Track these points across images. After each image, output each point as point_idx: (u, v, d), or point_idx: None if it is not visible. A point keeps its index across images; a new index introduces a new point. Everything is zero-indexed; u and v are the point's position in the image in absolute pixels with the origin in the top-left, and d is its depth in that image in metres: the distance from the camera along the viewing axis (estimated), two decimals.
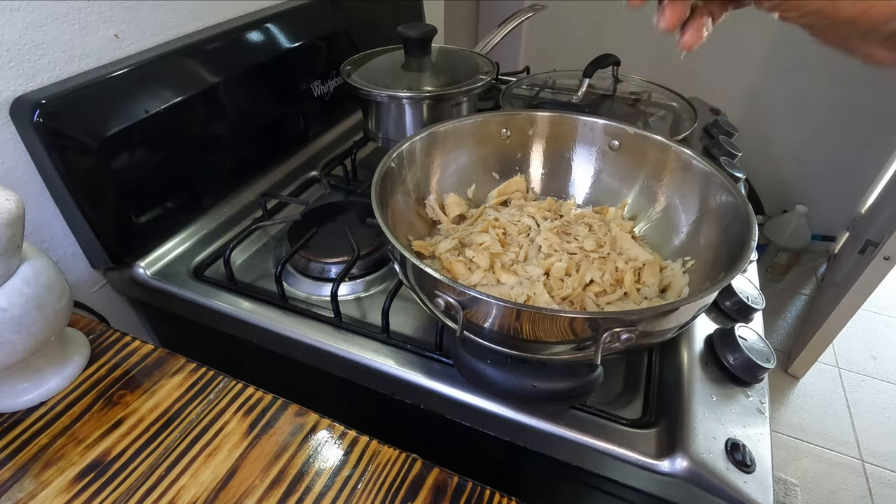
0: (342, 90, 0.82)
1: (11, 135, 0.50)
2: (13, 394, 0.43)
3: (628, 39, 1.70)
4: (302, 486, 0.38)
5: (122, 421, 0.42)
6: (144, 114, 0.55)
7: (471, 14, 1.76)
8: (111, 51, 0.56)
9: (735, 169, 0.70)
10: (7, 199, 0.36)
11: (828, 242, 1.87)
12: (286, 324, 0.52)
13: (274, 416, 0.43)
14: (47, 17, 0.50)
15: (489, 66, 0.74)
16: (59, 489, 0.37)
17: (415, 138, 0.52)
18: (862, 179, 1.71)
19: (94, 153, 0.52)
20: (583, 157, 0.58)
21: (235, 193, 0.69)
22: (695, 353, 0.49)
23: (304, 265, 0.58)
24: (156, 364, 0.47)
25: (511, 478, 0.53)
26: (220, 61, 0.63)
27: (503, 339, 0.37)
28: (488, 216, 0.55)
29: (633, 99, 0.83)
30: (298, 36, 0.73)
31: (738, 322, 0.50)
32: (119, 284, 0.61)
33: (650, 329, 0.35)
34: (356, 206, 0.65)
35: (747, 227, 0.41)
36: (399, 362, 0.48)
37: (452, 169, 0.58)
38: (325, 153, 0.82)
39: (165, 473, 0.38)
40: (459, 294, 0.35)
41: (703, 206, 0.49)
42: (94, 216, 0.54)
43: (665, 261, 0.51)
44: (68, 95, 0.50)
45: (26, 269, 0.39)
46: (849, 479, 1.28)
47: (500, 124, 0.58)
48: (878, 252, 1.22)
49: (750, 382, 0.46)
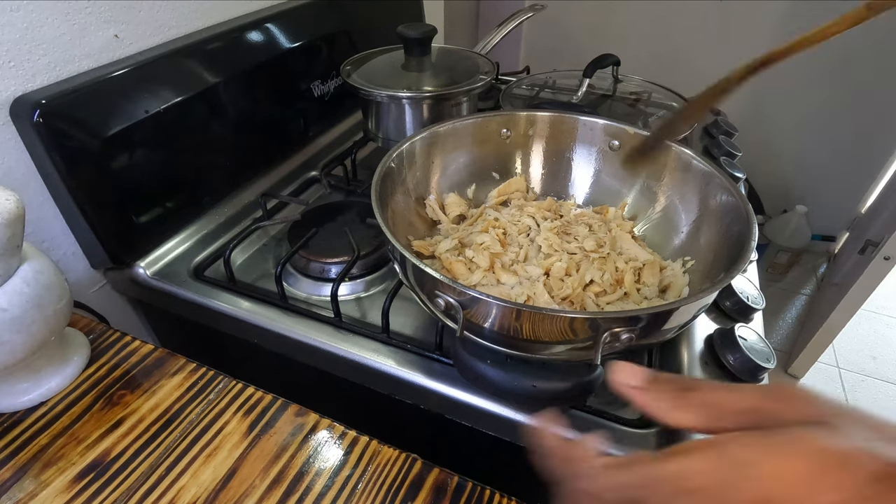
0: (342, 90, 0.81)
1: (11, 135, 0.50)
2: (13, 394, 0.43)
3: (628, 39, 1.71)
4: (302, 486, 0.38)
5: (122, 421, 0.42)
6: (144, 114, 0.55)
7: (471, 14, 1.76)
8: (111, 51, 0.56)
9: (735, 169, 0.70)
10: (7, 199, 0.36)
11: (828, 242, 1.87)
12: (286, 324, 0.52)
13: (274, 416, 0.43)
14: (47, 17, 0.50)
15: (489, 66, 0.74)
16: (59, 489, 0.37)
17: (415, 138, 0.52)
18: (862, 179, 1.71)
19: (94, 153, 0.52)
20: (583, 157, 0.58)
21: (235, 193, 0.69)
22: (695, 353, 0.49)
23: (304, 265, 0.58)
24: (156, 364, 0.47)
25: (511, 477, 0.53)
26: (220, 61, 0.63)
27: (503, 339, 0.37)
28: (488, 216, 0.55)
29: (633, 99, 0.83)
30: (298, 36, 0.73)
31: (738, 322, 0.50)
32: (119, 284, 0.61)
33: (650, 329, 0.35)
34: (356, 206, 0.65)
35: (747, 227, 0.41)
36: (399, 362, 0.48)
37: (452, 169, 0.58)
38: (325, 153, 0.82)
39: (165, 473, 0.38)
40: (459, 294, 0.35)
41: (703, 206, 0.49)
42: (94, 216, 0.54)
43: (665, 261, 0.51)
44: (68, 95, 0.50)
45: (26, 269, 0.39)
46: None
47: (500, 124, 0.58)
48: (878, 252, 1.22)
49: (750, 382, 0.46)
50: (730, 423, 0.22)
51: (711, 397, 0.23)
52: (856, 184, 1.73)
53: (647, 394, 0.24)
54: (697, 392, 0.23)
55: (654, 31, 1.66)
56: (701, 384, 0.24)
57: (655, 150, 0.49)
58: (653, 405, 0.24)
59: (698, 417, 0.23)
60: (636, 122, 0.68)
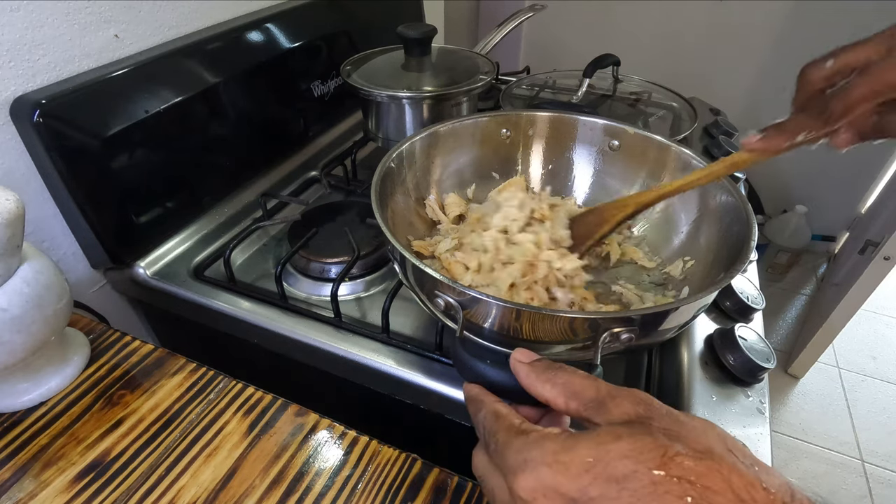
0: (342, 90, 0.82)
1: (11, 135, 0.50)
2: (13, 394, 0.43)
3: (628, 39, 1.71)
4: (302, 486, 0.38)
5: (122, 421, 0.42)
6: (144, 114, 0.55)
7: (471, 14, 1.76)
8: (111, 51, 0.56)
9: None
10: (7, 199, 0.36)
11: (828, 242, 1.87)
12: (286, 324, 0.52)
13: (274, 416, 0.43)
14: (47, 17, 0.50)
15: (489, 66, 0.74)
16: (59, 489, 0.37)
17: (415, 138, 0.52)
18: (862, 179, 1.71)
19: (94, 153, 0.52)
20: (583, 157, 0.58)
21: (235, 193, 0.69)
22: (695, 353, 0.49)
23: (304, 265, 0.58)
24: (156, 364, 0.47)
25: None
26: (220, 61, 0.63)
27: (503, 340, 0.37)
28: (473, 212, 0.55)
29: (633, 99, 0.83)
30: (298, 36, 0.73)
31: (738, 322, 0.50)
32: (119, 284, 0.61)
33: (650, 329, 0.35)
34: (356, 206, 0.65)
35: (747, 227, 0.41)
36: (399, 362, 0.48)
37: (452, 169, 0.57)
38: (325, 153, 0.82)
39: (165, 473, 0.38)
40: (459, 294, 0.35)
41: (702, 206, 0.49)
42: (94, 216, 0.54)
43: (664, 260, 0.51)
44: (68, 95, 0.50)
45: (26, 269, 0.39)
46: (849, 479, 1.28)
47: (500, 124, 0.58)
48: (878, 252, 1.22)
49: (750, 382, 0.46)
50: (575, 406, 0.27)
51: (573, 381, 0.27)
52: (856, 184, 1.73)
53: (527, 366, 0.30)
54: (563, 373, 0.28)
55: (653, 31, 1.66)
56: (568, 370, 0.28)
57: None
58: (529, 377, 0.29)
59: (556, 396, 0.28)
60: (636, 122, 0.69)
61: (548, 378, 0.28)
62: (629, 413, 0.24)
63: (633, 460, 0.21)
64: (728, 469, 0.20)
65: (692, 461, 0.21)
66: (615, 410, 0.25)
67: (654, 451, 0.21)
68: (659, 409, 0.24)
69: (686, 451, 0.21)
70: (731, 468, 0.21)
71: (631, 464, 0.21)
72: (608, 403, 0.25)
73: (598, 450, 0.22)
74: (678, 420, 0.24)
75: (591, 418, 0.26)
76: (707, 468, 0.20)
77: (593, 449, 0.22)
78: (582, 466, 0.22)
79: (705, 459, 0.21)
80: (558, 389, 0.28)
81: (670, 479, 0.20)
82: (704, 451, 0.21)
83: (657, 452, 0.21)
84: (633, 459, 0.21)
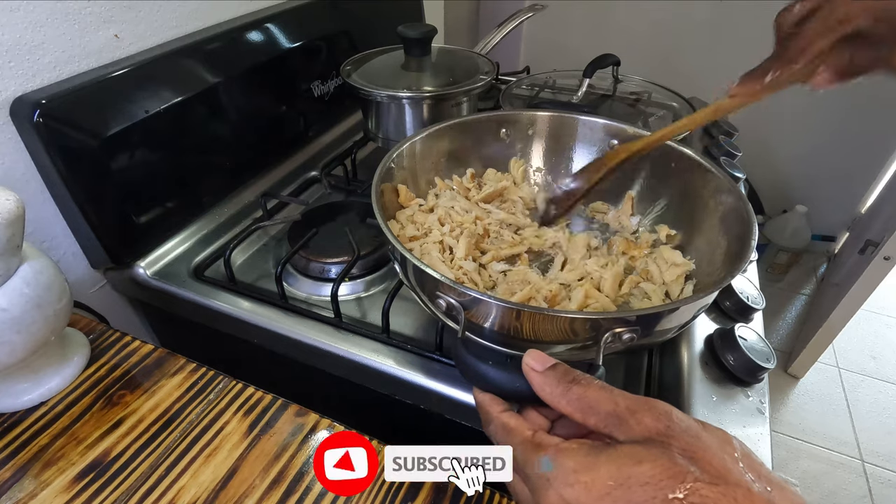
0: (342, 90, 0.81)
1: (11, 135, 0.50)
2: (13, 394, 0.43)
3: (628, 39, 1.71)
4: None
5: (122, 421, 0.42)
6: (144, 114, 0.55)
7: (471, 14, 1.76)
8: (111, 51, 0.56)
9: (735, 169, 0.70)
10: (7, 199, 0.36)
11: (828, 242, 1.87)
12: (286, 324, 0.52)
13: (274, 416, 0.43)
14: (47, 17, 0.50)
15: (489, 66, 0.74)
16: (59, 489, 0.37)
17: (415, 138, 0.52)
18: (862, 179, 1.71)
19: (94, 153, 0.52)
20: (583, 157, 0.58)
21: (235, 193, 0.69)
22: (695, 353, 0.49)
23: (304, 265, 0.58)
24: (156, 364, 0.47)
25: None
26: (220, 61, 0.63)
27: (505, 340, 0.37)
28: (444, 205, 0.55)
29: (633, 99, 0.83)
30: (298, 36, 0.73)
31: (738, 322, 0.50)
32: (119, 284, 0.61)
33: (651, 329, 0.35)
34: (356, 206, 0.65)
35: (747, 227, 0.41)
36: (399, 362, 0.48)
37: (452, 169, 0.58)
38: (325, 153, 0.82)
39: (165, 473, 0.38)
40: (461, 295, 0.35)
41: (703, 206, 0.49)
42: (94, 216, 0.54)
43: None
44: (68, 95, 0.50)
45: (26, 269, 0.39)
46: (849, 479, 1.28)
47: (500, 124, 0.58)
48: (878, 252, 1.22)
49: (750, 382, 0.46)
50: (594, 421, 0.26)
51: (588, 394, 0.27)
52: (856, 184, 1.73)
53: (541, 376, 0.29)
54: (578, 387, 0.28)
55: (653, 31, 1.66)
56: (582, 382, 0.28)
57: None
58: (544, 389, 0.29)
59: (573, 409, 0.27)
60: (636, 121, 0.69)
61: (562, 392, 0.28)
62: (650, 429, 0.25)
63: (652, 487, 0.22)
64: (743, 495, 0.22)
65: (708, 488, 0.22)
66: (636, 427, 0.25)
67: (673, 477, 0.22)
68: (679, 424, 0.25)
69: (703, 476, 0.22)
70: (746, 493, 0.22)
71: (651, 490, 0.22)
72: (629, 420, 0.25)
73: (620, 473, 0.23)
74: (697, 437, 0.24)
75: (612, 434, 0.26)
76: (722, 494, 0.22)
77: (615, 472, 0.23)
78: (603, 489, 0.23)
79: (720, 485, 0.22)
80: (574, 405, 0.28)
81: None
82: (720, 476, 0.22)
83: (676, 480, 0.22)
84: (653, 486, 0.22)
